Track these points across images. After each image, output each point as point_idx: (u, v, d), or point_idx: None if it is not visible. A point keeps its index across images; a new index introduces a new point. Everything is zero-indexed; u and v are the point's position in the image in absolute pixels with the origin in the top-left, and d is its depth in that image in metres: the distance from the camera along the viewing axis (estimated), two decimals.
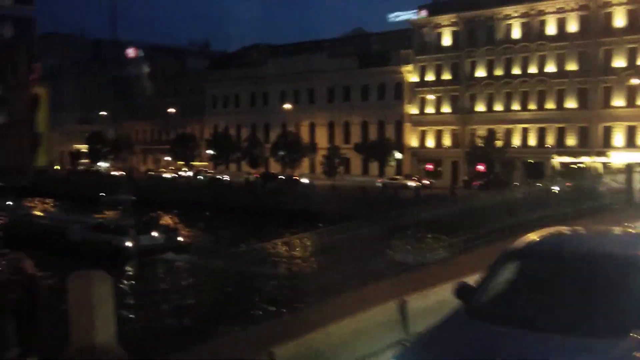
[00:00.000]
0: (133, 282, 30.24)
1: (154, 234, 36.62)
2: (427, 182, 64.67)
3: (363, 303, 7.37)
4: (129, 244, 34.91)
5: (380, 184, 63.78)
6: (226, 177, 74.15)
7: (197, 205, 58.07)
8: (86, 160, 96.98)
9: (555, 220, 15.54)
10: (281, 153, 72.88)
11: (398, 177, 67.74)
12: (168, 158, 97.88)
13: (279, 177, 69.88)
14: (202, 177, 77.47)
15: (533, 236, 6.02)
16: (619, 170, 59.39)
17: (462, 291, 5.72)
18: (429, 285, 8.07)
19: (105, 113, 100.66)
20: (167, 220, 58.42)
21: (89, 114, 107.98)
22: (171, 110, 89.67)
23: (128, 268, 33.49)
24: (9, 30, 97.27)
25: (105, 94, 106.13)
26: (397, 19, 73.44)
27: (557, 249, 5.82)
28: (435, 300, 7.63)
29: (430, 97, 69.92)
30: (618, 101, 60.09)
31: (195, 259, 34.52)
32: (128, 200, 67.54)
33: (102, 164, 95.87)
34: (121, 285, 29.21)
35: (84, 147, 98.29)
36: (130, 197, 68.20)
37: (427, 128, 72.11)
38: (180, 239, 38.54)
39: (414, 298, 7.62)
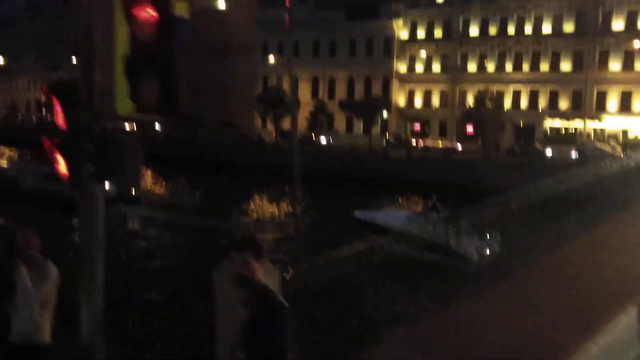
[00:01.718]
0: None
1: (106, 185, 36.20)
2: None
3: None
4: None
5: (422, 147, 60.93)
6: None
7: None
8: None
9: None
10: (264, 108, 70.28)
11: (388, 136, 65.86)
12: None
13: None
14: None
15: None
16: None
17: None
18: None
19: (76, 60, 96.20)
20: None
21: (58, 60, 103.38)
22: None
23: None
24: None
25: (76, 40, 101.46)
26: None
27: None
28: None
29: (422, 54, 67.68)
30: (614, 64, 58.79)
31: (145, 211, 35.36)
32: None
33: None
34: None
35: None
36: None
37: (415, 86, 70.09)
38: (132, 191, 37.43)
39: None
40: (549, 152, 53.86)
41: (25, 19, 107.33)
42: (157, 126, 72.62)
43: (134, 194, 38.05)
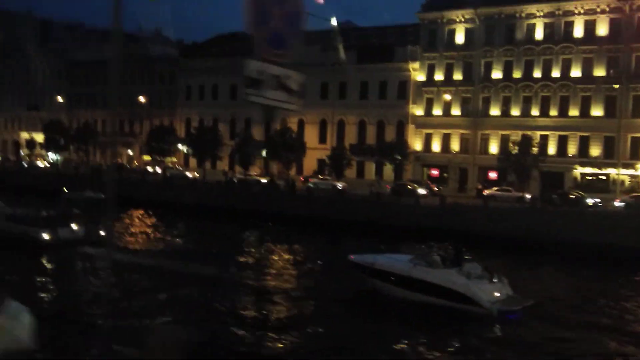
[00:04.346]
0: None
1: (74, 226, 35.02)
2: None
3: None
4: (45, 236, 33.52)
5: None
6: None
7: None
8: (40, 151, 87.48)
9: None
10: (272, 152, 66.25)
11: (408, 182, 62.10)
12: (130, 152, 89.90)
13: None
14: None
15: None
16: None
17: None
18: None
19: (61, 99, 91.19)
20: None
21: (38, 99, 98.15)
22: (141, 99, 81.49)
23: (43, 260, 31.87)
24: None
25: (59, 79, 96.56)
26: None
27: None
28: None
29: (446, 97, 64.80)
30: None
31: (114, 253, 32.32)
32: (98, 198, 60.11)
33: (54, 156, 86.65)
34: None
35: (37, 136, 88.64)
36: (99, 194, 60.76)
37: (433, 131, 67.06)
38: (101, 232, 36.09)
39: None
40: (590, 201, 50.97)
41: (2, 57, 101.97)
42: None
43: (102, 235, 36.28)
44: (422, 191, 55.27)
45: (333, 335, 20.49)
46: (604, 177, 58.91)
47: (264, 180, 63.01)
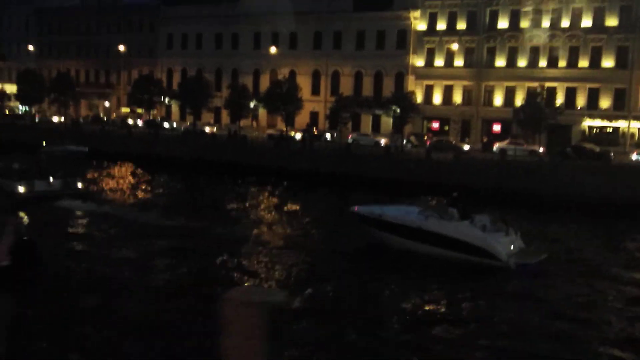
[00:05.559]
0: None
1: (51, 179, 34.13)
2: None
3: None
4: (21, 188, 32.57)
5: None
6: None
7: None
8: (11, 103, 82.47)
9: None
10: (265, 105, 63.08)
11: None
12: (107, 103, 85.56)
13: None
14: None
15: None
16: None
17: None
18: None
19: (32, 48, 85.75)
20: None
21: (5, 48, 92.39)
22: (121, 48, 76.85)
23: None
24: None
25: (27, 27, 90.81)
26: None
27: None
28: None
29: (454, 46, 62.13)
30: None
31: (94, 206, 32.74)
32: (81, 152, 56.95)
33: (25, 108, 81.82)
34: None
35: (7, 87, 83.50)
36: (82, 148, 57.52)
37: (434, 82, 64.66)
38: (79, 185, 35.69)
39: None
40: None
41: None
42: None
43: (80, 188, 35.57)
44: (466, 147, 53.34)
45: (342, 290, 19.54)
46: (611, 130, 57.64)
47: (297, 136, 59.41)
